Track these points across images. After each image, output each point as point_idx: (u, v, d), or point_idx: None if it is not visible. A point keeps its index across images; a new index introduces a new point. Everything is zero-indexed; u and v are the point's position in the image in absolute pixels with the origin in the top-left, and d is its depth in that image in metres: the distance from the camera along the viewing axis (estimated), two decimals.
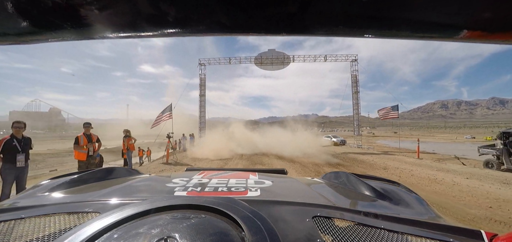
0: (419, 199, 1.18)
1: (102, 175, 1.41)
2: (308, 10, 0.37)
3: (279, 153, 17.43)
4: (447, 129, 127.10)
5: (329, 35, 0.39)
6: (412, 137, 53.48)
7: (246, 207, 0.70)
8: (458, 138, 46.48)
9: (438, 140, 44.31)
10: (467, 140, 41.01)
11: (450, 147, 29.59)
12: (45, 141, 47.21)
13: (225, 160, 14.77)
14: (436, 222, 0.86)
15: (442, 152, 21.73)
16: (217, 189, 1.11)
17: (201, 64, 25.03)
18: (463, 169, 10.73)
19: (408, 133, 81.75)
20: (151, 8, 0.39)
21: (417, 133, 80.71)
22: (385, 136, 59.66)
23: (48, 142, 42.67)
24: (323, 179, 1.56)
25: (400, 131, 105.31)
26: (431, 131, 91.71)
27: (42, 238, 0.66)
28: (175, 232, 0.56)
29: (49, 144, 35.98)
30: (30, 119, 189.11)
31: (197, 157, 16.08)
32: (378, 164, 12.72)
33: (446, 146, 31.06)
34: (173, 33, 0.42)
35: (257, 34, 0.42)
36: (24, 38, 0.42)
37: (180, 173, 1.60)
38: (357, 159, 14.90)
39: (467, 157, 16.95)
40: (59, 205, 0.89)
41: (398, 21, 0.38)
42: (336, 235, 0.68)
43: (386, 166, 11.90)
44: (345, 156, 16.48)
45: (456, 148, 25.46)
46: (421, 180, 8.47)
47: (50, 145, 33.66)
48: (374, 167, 11.81)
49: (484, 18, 0.35)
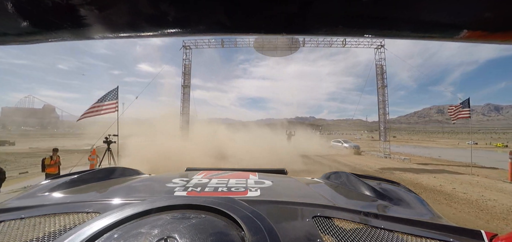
0: (419, 199, 1.18)
1: (102, 175, 1.41)
2: (308, 10, 0.38)
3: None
4: (445, 134, 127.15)
5: (329, 35, 0.39)
6: (412, 141, 50.82)
7: (246, 207, 0.70)
8: (460, 144, 44.63)
9: (441, 145, 39.55)
10: (470, 146, 40.78)
11: (464, 154, 21.32)
12: (33, 139, 44.65)
13: None
14: (436, 222, 0.86)
15: (473, 161, 13.90)
16: (217, 189, 1.11)
17: (186, 46, 19.22)
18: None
19: (407, 137, 78.55)
20: (151, 8, 0.39)
21: (416, 137, 77.54)
22: (385, 140, 58.27)
23: (36, 140, 40.56)
24: (323, 179, 1.56)
25: (399, 135, 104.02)
26: (430, 136, 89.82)
27: (42, 238, 0.66)
28: (175, 232, 0.56)
29: (36, 142, 33.74)
30: (22, 115, 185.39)
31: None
32: (461, 197, 7.68)
33: (460, 152, 24.57)
34: (173, 33, 0.42)
35: (257, 34, 0.42)
36: (24, 38, 0.42)
37: (180, 173, 1.60)
38: (419, 184, 9.49)
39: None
40: (59, 205, 0.89)
41: (399, 21, 0.38)
42: (336, 235, 0.68)
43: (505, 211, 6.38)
44: (393, 176, 10.89)
45: (478, 155, 19.25)
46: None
47: (36, 143, 31.40)
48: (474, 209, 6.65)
49: (485, 18, 0.35)
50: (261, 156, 15.18)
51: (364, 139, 49.54)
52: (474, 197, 7.68)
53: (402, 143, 41.33)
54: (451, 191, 8.40)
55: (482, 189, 8.63)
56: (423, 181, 10.15)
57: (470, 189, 8.70)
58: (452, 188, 8.79)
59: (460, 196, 7.86)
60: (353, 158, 18.32)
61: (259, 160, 14.00)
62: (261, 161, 13.79)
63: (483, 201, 7.32)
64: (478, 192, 8.26)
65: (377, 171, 12.42)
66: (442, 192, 8.37)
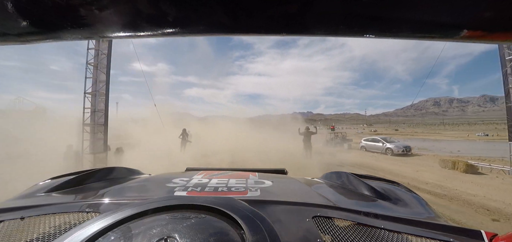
0: (419, 199, 1.18)
1: (102, 175, 1.41)
2: (308, 10, 0.38)
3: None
4: (446, 125, 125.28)
5: (329, 35, 0.40)
6: (417, 135, 47.09)
7: (246, 207, 0.70)
8: (471, 136, 41.25)
9: (450, 138, 35.41)
10: (481, 138, 31.92)
11: (488, 147, 18.51)
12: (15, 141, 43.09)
13: None
14: (436, 222, 0.86)
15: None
16: (217, 189, 1.11)
17: None
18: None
19: (410, 130, 73.67)
20: (151, 8, 0.39)
21: (420, 130, 73.04)
22: (389, 133, 54.61)
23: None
24: (323, 179, 1.56)
25: (401, 128, 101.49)
26: (433, 129, 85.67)
27: (42, 238, 0.66)
28: (175, 232, 0.56)
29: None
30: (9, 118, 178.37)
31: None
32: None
33: (481, 146, 20.76)
34: (173, 33, 0.42)
35: (257, 34, 0.42)
36: (24, 38, 0.42)
37: (180, 173, 1.60)
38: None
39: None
40: (59, 205, 0.89)
41: (399, 21, 0.38)
42: (336, 235, 0.68)
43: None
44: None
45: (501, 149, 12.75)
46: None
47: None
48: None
49: (485, 18, 0.35)
50: None
51: (367, 133, 48.01)
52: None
53: (407, 136, 39.06)
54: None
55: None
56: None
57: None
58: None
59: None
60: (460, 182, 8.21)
61: None
62: None
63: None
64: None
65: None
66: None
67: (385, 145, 16.12)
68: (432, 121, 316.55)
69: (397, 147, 15.43)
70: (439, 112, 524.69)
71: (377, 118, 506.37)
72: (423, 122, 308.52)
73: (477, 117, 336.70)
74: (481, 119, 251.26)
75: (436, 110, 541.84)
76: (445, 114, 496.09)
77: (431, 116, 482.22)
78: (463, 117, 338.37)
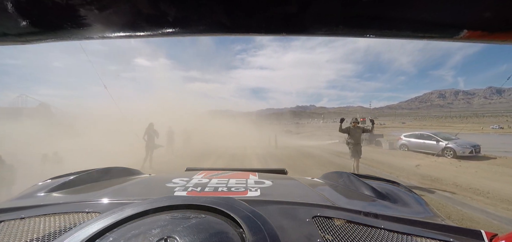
0: (419, 199, 1.18)
1: (102, 175, 1.42)
2: (308, 10, 0.37)
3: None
4: (454, 118, 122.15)
5: (329, 35, 0.39)
6: (426, 127, 45.49)
7: (246, 207, 0.70)
8: (485, 129, 39.38)
9: (464, 131, 29.18)
10: (496, 131, 29.98)
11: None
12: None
13: None
14: (436, 222, 0.86)
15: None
16: (217, 189, 1.11)
17: None
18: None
19: (418, 123, 69.02)
20: (151, 8, 0.39)
21: (428, 123, 66.66)
22: (396, 126, 52.60)
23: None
24: (323, 179, 1.56)
25: (408, 121, 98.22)
26: (440, 121, 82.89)
27: (42, 238, 0.66)
28: (175, 232, 0.57)
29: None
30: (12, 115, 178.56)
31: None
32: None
33: (505, 139, 19.58)
34: (173, 33, 0.42)
35: (257, 34, 0.42)
36: (24, 38, 0.42)
37: (180, 172, 1.61)
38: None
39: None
40: (59, 205, 0.89)
41: (399, 21, 0.38)
42: (336, 235, 0.68)
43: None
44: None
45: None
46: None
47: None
48: None
49: (485, 18, 0.35)
50: None
51: (375, 127, 46.05)
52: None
53: (415, 130, 38.74)
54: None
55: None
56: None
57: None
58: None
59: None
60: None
61: None
62: None
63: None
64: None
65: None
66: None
67: (441, 144, 11.30)
68: (438, 113, 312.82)
69: (461, 147, 10.64)
70: (445, 105, 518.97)
71: (381, 111, 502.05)
72: (429, 114, 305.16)
73: (483, 109, 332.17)
74: (487, 111, 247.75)
75: (441, 103, 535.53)
76: (450, 106, 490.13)
77: (436, 109, 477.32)
78: (469, 109, 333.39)
